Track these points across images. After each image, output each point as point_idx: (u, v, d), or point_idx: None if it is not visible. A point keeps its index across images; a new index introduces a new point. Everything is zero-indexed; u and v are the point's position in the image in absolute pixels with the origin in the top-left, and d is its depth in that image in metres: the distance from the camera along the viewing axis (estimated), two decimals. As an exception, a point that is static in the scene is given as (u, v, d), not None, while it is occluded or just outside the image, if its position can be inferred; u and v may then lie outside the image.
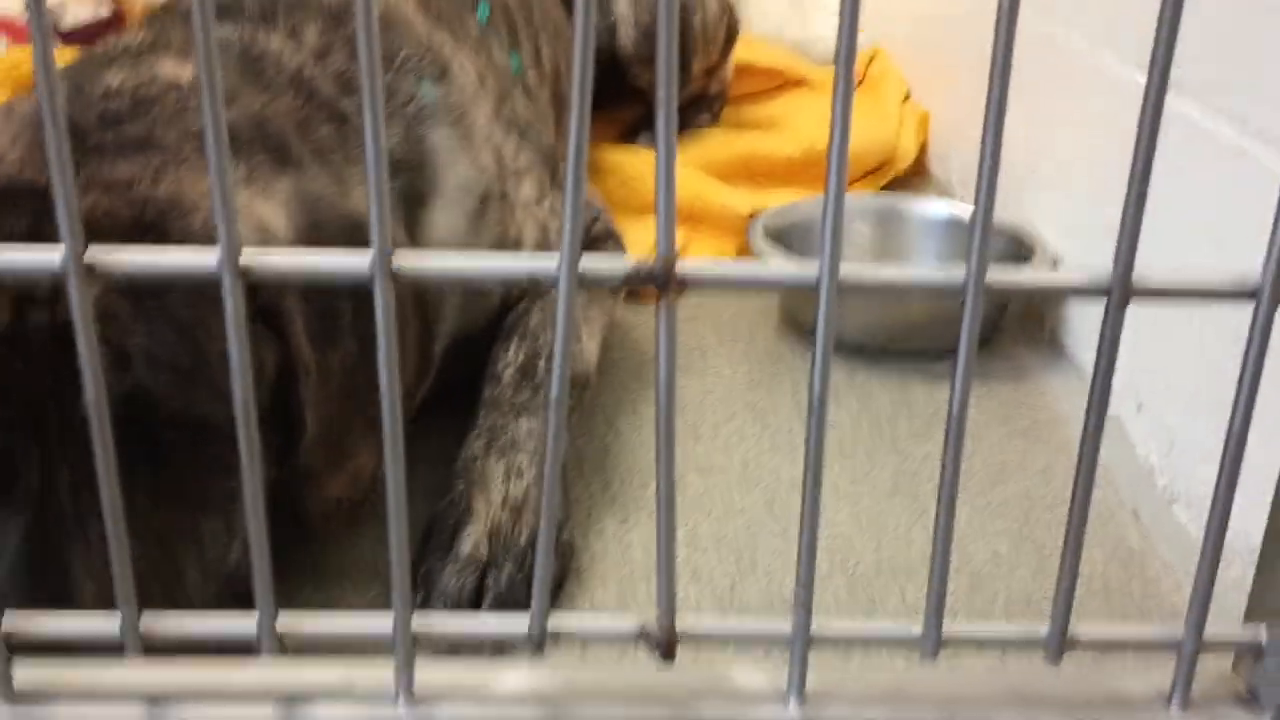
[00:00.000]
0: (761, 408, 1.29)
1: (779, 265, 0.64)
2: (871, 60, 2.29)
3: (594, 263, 0.63)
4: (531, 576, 0.95)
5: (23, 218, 0.77)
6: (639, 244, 1.54)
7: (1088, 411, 0.54)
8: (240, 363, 0.58)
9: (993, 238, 1.43)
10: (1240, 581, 0.64)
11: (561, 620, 0.69)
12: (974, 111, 1.76)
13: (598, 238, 1.32)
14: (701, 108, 2.02)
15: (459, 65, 1.13)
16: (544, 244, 1.21)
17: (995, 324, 1.44)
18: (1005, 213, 1.53)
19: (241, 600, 0.86)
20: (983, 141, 0.50)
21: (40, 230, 0.76)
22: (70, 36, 2.11)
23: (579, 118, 0.60)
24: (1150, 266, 0.49)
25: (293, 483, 0.87)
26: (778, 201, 1.74)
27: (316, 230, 0.83)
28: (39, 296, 0.74)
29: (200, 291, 0.78)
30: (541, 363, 1.10)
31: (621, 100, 1.98)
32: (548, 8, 1.61)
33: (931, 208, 1.58)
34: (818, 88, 2.22)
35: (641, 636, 0.68)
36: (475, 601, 0.92)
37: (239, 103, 0.90)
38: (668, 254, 0.63)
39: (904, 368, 1.37)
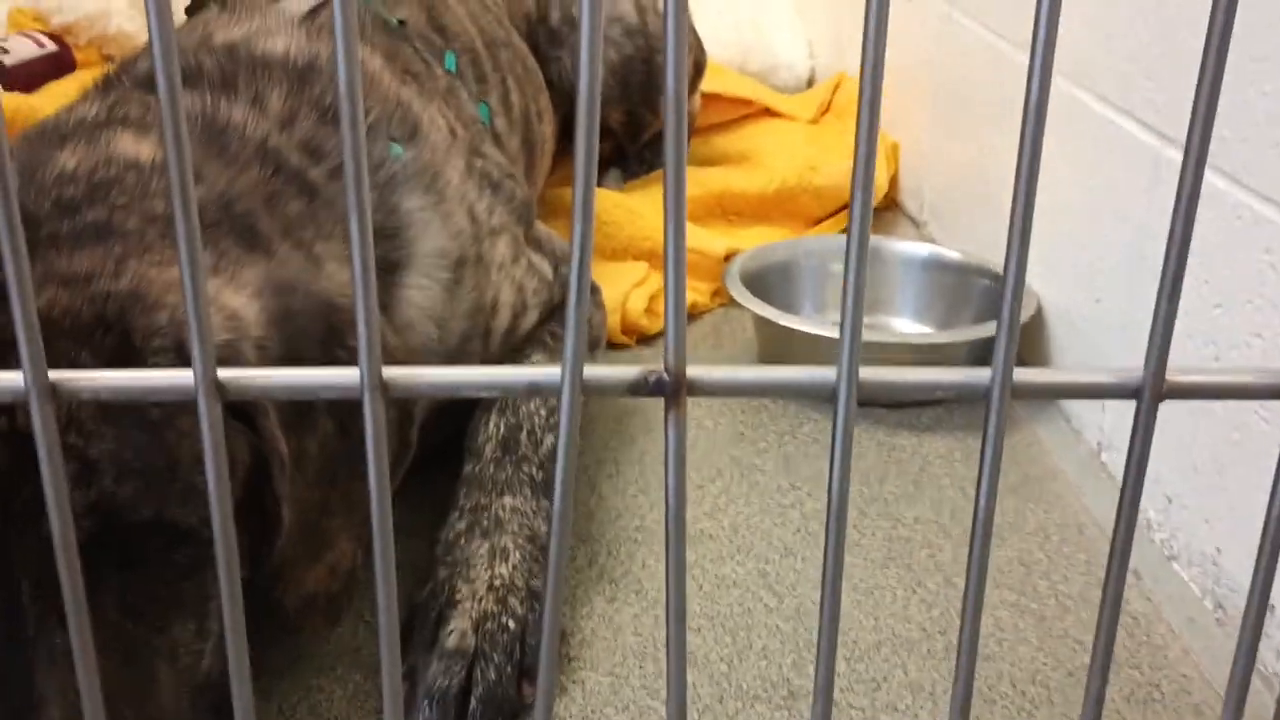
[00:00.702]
0: (747, 464, 1.25)
1: (794, 371, 0.60)
2: (837, 88, 2.26)
3: (598, 372, 0.59)
4: (521, 669, 0.91)
5: None
6: (613, 290, 1.50)
7: (1116, 522, 0.50)
8: (218, 485, 0.53)
9: (978, 280, 1.40)
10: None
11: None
12: (945, 142, 1.74)
13: (575, 293, 1.27)
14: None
15: (429, 120, 1.09)
16: (521, 305, 1.17)
17: (980, 365, 1.41)
18: (990, 252, 1.52)
19: (217, 712, 0.81)
20: (1007, 251, 0.46)
21: None
22: (13, 73, 2.03)
23: (580, 236, 0.56)
24: (1180, 362, 0.46)
25: (267, 579, 0.82)
26: (752, 241, 1.71)
27: (289, 320, 0.78)
28: None
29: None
30: (523, 435, 1.06)
31: (588, 136, 1.94)
32: (516, 49, 1.57)
33: (911, 249, 1.56)
34: (785, 117, 2.19)
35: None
36: (463, 697, 0.88)
37: (204, 180, 0.85)
38: (677, 364, 0.60)
39: (889, 420, 1.34)
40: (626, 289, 1.53)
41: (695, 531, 1.14)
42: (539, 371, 0.58)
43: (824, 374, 0.62)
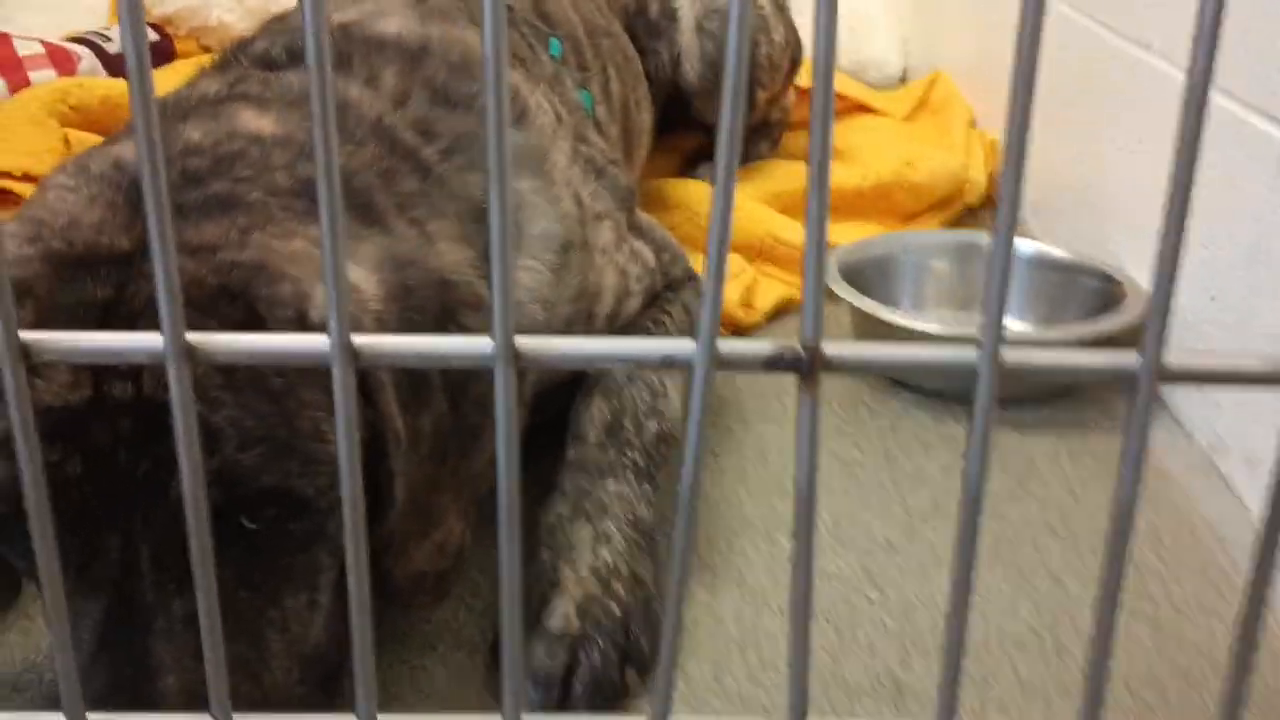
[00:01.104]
0: (848, 459, 1.24)
1: (932, 350, 0.59)
2: (932, 84, 2.23)
3: (733, 346, 0.58)
4: (625, 652, 0.90)
5: (103, 287, 0.72)
6: (708, 282, 1.48)
7: (1263, 529, 0.48)
8: (349, 451, 0.53)
9: (1084, 280, 1.36)
10: None
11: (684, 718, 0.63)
12: (1050, 140, 1.69)
13: (678, 280, 1.27)
14: (761, 135, 1.97)
15: (536, 104, 1.09)
16: (624, 291, 1.16)
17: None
18: (1093, 250, 1.48)
19: (323, 684, 0.81)
20: (1163, 238, 0.45)
21: (122, 300, 0.72)
22: (116, 61, 2.07)
23: (723, 199, 0.55)
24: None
25: (377, 555, 0.82)
26: (847, 235, 1.69)
27: (406, 295, 0.78)
28: (120, 369, 0.70)
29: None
30: (627, 420, 1.05)
31: (681, 131, 1.93)
32: (616, 38, 1.56)
33: (1015, 245, 1.52)
34: (879, 113, 2.17)
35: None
36: (567, 679, 0.87)
37: None
38: (813, 338, 0.58)
39: (995, 417, 1.31)
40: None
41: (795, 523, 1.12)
42: (673, 344, 0.57)
43: (963, 353, 0.60)
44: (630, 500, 1.00)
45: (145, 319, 0.70)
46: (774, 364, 0.58)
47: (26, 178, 1.52)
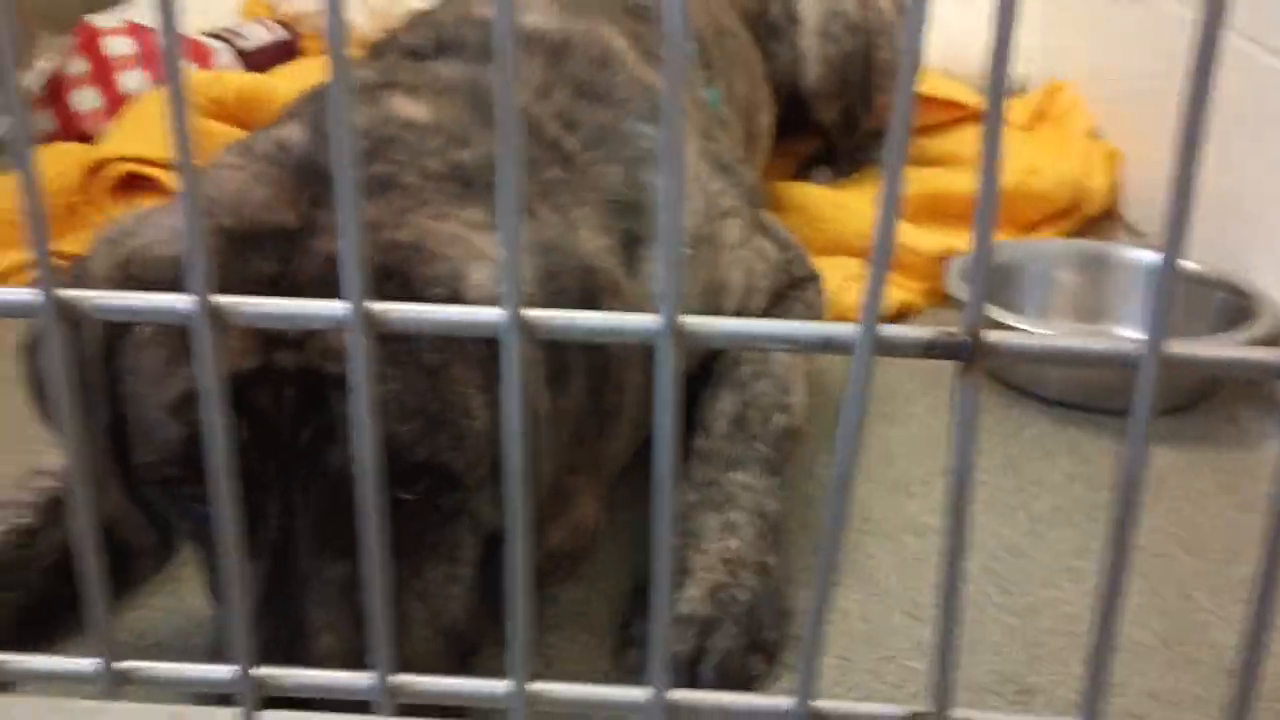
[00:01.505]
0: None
1: (1093, 340, 0.59)
2: (1052, 94, 2.20)
3: (893, 331, 0.59)
4: (754, 640, 0.91)
5: (270, 260, 0.75)
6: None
7: None
8: (520, 420, 0.55)
9: (1214, 293, 1.34)
10: None
11: (828, 703, 0.64)
12: (1170, 148, 1.64)
13: (800, 280, 1.27)
14: (878, 142, 1.96)
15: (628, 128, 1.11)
16: (749, 287, 1.17)
17: (1214, 382, 1.36)
18: (1224, 263, 1.45)
19: (460, 657, 0.84)
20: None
21: (287, 274, 0.75)
22: (250, 58, 2.14)
23: (891, 181, 0.55)
24: None
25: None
26: (967, 241, 1.67)
27: (552, 279, 0.80)
28: (288, 339, 0.73)
29: (445, 336, 0.75)
30: (754, 414, 1.06)
31: (797, 135, 1.94)
32: (740, 39, 1.57)
33: (1141, 256, 1.50)
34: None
35: (912, 727, 0.63)
36: (694, 664, 0.88)
37: (472, 144, 0.88)
38: (975, 323, 0.59)
39: (1114, 427, 1.30)
40: (838, 282, 1.52)
41: (920, 524, 1.12)
42: (834, 327, 0.58)
43: (1126, 344, 0.60)
44: (757, 491, 1.01)
45: (309, 291, 0.73)
46: (933, 349, 0.59)
47: (166, 167, 1.58)
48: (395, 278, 0.76)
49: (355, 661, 0.69)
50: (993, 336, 0.58)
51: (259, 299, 0.53)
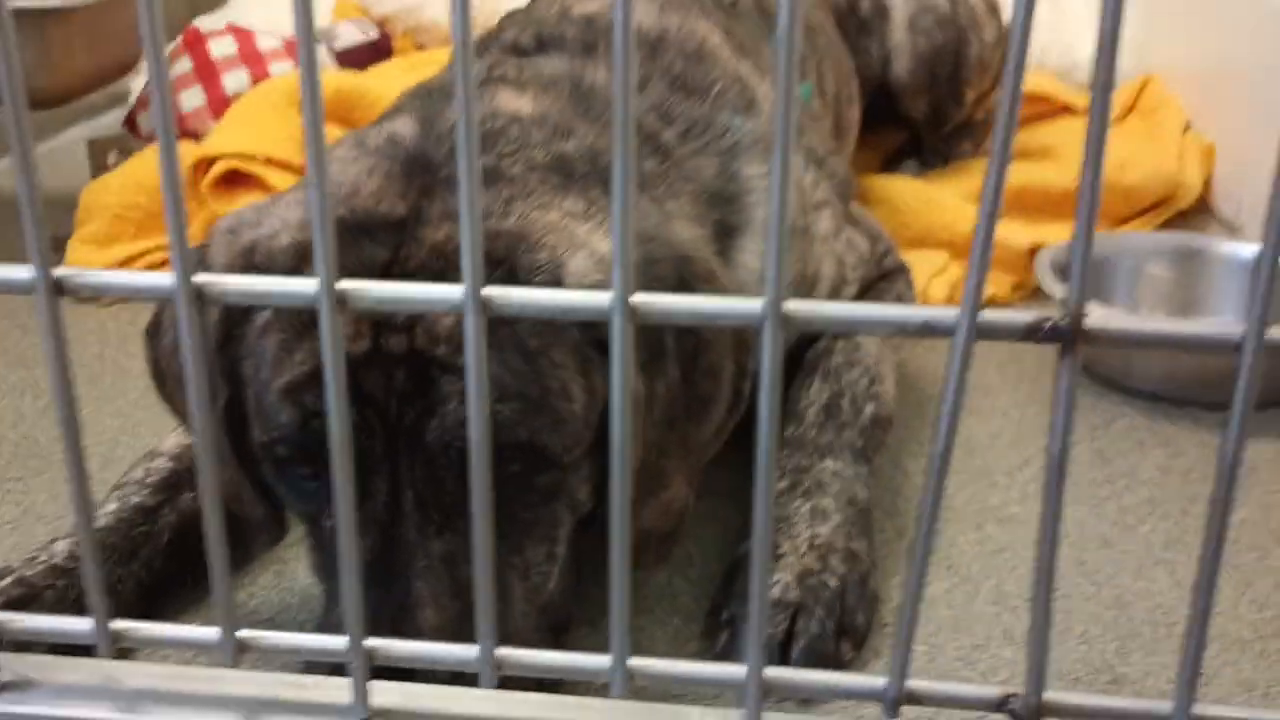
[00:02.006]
0: (1056, 456, 1.23)
1: (1194, 325, 0.60)
2: (1143, 88, 2.18)
3: (993, 316, 0.60)
4: (843, 625, 0.92)
5: (381, 249, 0.79)
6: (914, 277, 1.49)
7: None
8: (625, 400, 0.57)
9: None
10: None
11: (921, 683, 0.66)
12: (1267, 141, 1.64)
13: (890, 272, 1.28)
14: (964, 135, 1.96)
15: (764, 95, 1.12)
16: (840, 279, 1.18)
17: (1309, 376, 1.34)
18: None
19: (555, 631, 0.86)
20: None
21: (397, 261, 0.78)
22: (343, 58, 2.20)
23: (998, 162, 0.57)
24: None
25: (605, 515, 0.86)
26: (1055, 235, 1.67)
27: (649, 267, 0.82)
28: (396, 324, 0.76)
29: (547, 322, 0.78)
30: (845, 402, 1.07)
31: (883, 128, 1.94)
32: (830, 35, 1.58)
33: (1235, 249, 1.49)
34: (1084, 115, 2.13)
35: (1004, 707, 0.65)
36: (785, 646, 0.90)
37: (575, 136, 0.91)
38: (1075, 311, 0.60)
39: (1208, 420, 1.29)
40: (928, 276, 1.53)
41: (1007, 515, 1.12)
42: (934, 311, 0.59)
43: (1227, 329, 0.61)
44: (847, 479, 1.02)
45: (420, 278, 0.76)
46: (1034, 333, 0.60)
47: (269, 161, 1.64)
48: (501, 265, 0.78)
49: (457, 633, 0.72)
50: (1093, 320, 0.59)
51: (379, 283, 0.56)
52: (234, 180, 1.65)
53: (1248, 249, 1.48)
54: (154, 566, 0.96)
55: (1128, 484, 1.17)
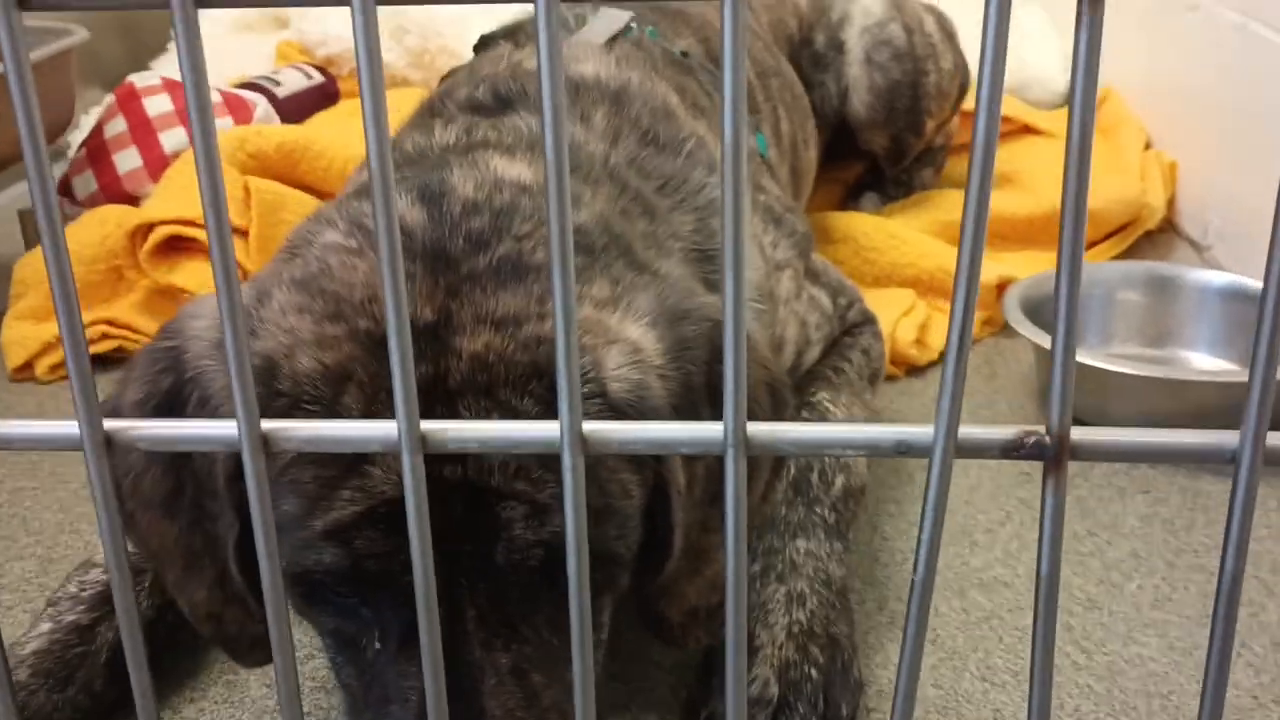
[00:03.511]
0: (1037, 505, 1.19)
1: (1187, 435, 0.56)
2: (1102, 104, 2.15)
3: (972, 432, 0.56)
4: (826, 717, 0.88)
5: (422, 364, 0.71)
6: (880, 318, 1.45)
7: None
8: (576, 538, 0.53)
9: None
10: None
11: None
12: (1235, 161, 1.60)
13: (854, 325, 1.24)
14: (925, 163, 1.92)
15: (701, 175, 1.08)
16: (805, 341, 1.14)
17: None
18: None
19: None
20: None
21: (439, 376, 0.71)
22: (287, 103, 2.13)
23: (965, 289, 0.53)
24: None
25: (654, 594, 0.82)
26: (1020, 266, 1.63)
27: (684, 347, 0.77)
28: (450, 454, 0.69)
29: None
30: (814, 476, 1.03)
31: (843, 161, 1.90)
32: (785, 76, 1.54)
33: (1206, 277, 1.45)
34: (1045, 134, 2.10)
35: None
36: (766, 747, 0.85)
37: (582, 204, 0.86)
38: (1060, 427, 0.56)
39: (1188, 462, 1.25)
40: (894, 317, 1.49)
41: (989, 578, 1.08)
42: (909, 430, 0.55)
43: (1223, 438, 0.57)
44: (821, 558, 0.97)
45: (464, 396, 0.71)
46: (1015, 450, 0.56)
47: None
48: (545, 378, 0.72)
49: None
50: (1078, 435, 0.55)
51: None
52: (175, 245, 1.59)
53: (1219, 277, 1.45)
54: (94, 689, 0.90)
55: (1110, 538, 1.13)
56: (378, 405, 0.69)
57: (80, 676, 0.90)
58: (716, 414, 0.77)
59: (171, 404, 0.74)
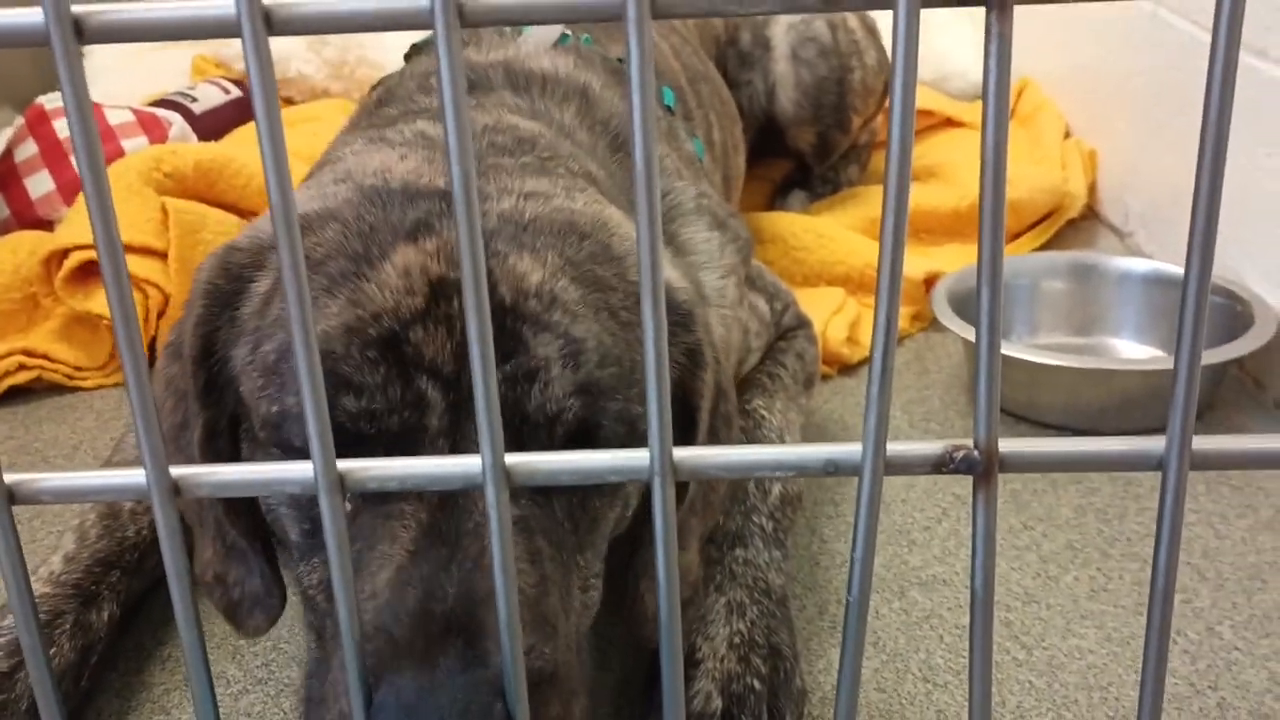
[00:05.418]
0: (970, 501, 1.19)
1: (1114, 443, 0.56)
2: (1020, 93, 2.17)
3: (900, 449, 0.56)
4: (770, 731, 0.87)
5: (413, 212, 0.73)
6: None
7: None
8: (504, 570, 0.53)
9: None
10: None
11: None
12: (1153, 148, 1.62)
13: (789, 330, 1.24)
14: (850, 160, 1.93)
15: (672, 165, 1.08)
16: (746, 348, 1.13)
17: (1211, 394, 1.33)
18: (1220, 270, 1.42)
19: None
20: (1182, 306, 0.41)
21: (437, 221, 0.72)
22: (205, 119, 2.09)
23: (886, 321, 0.53)
24: None
25: (621, 594, 0.83)
26: (947, 260, 1.65)
27: (698, 287, 0.83)
28: (449, 291, 0.68)
29: (639, 300, 0.72)
30: (751, 484, 1.02)
31: (770, 159, 1.91)
32: (713, 82, 1.54)
33: (1129, 264, 1.47)
34: (967, 126, 2.12)
35: None
36: (711, 762, 0.84)
37: (589, 165, 0.90)
38: (989, 441, 0.56)
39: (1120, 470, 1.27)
40: (825, 316, 1.49)
41: (927, 577, 1.08)
42: (837, 449, 0.55)
43: (1149, 445, 0.58)
44: (759, 567, 0.97)
45: (495, 244, 0.72)
46: (945, 465, 0.55)
47: (128, 249, 1.53)
48: (590, 237, 0.74)
49: (532, 601, 0.66)
50: (1006, 447, 0.55)
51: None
52: (92, 271, 1.54)
53: (1141, 264, 1.47)
54: (18, 741, 0.87)
55: (1045, 530, 1.14)
56: (355, 239, 0.71)
57: None
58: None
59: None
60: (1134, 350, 1.45)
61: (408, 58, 1.26)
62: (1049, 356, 1.29)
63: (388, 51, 2.19)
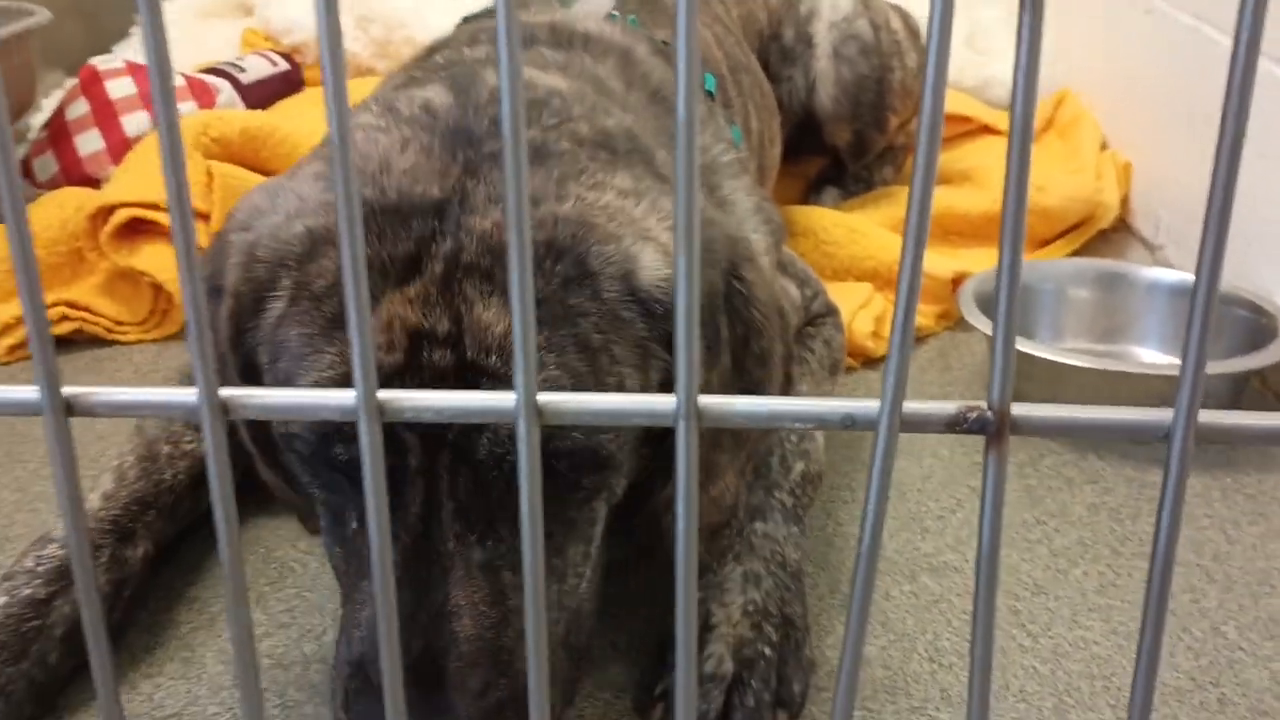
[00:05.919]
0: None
1: (1124, 412, 0.57)
2: (1059, 104, 2.19)
3: (915, 408, 0.58)
4: (779, 695, 0.89)
5: (406, 241, 0.74)
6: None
7: None
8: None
9: (1232, 310, 1.32)
10: None
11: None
12: (1186, 161, 1.64)
13: (818, 316, 1.26)
14: (885, 161, 1.95)
15: (704, 146, 1.10)
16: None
17: (1234, 402, 1.34)
18: (1239, 280, 1.44)
19: (575, 656, 0.82)
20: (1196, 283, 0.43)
21: (428, 257, 0.73)
22: (253, 90, 2.13)
23: (910, 271, 0.54)
24: None
25: (656, 515, 0.86)
26: (977, 261, 1.66)
27: (705, 252, 0.79)
28: (439, 334, 0.71)
29: (613, 315, 0.75)
30: (774, 461, 1.04)
31: (806, 155, 1.92)
32: (755, 74, 1.56)
33: (1157, 274, 1.49)
34: (1004, 134, 2.13)
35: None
36: (721, 721, 0.87)
37: (612, 115, 0.89)
38: (1001, 402, 0.58)
39: (1138, 454, 1.28)
40: (852, 309, 1.51)
41: (939, 563, 1.10)
42: (855, 404, 0.57)
43: (1157, 415, 0.59)
44: (778, 540, 0.99)
45: (466, 281, 0.72)
46: (958, 425, 0.57)
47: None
48: (566, 256, 0.74)
49: (494, 641, 0.72)
50: (1018, 410, 0.57)
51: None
52: (136, 228, 1.58)
53: (1169, 274, 1.48)
54: (48, 663, 0.90)
55: (1058, 525, 1.16)
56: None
57: (35, 650, 0.90)
58: (732, 333, 0.79)
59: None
60: (1158, 359, 1.46)
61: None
62: (1072, 357, 1.30)
63: (431, 31, 2.23)
